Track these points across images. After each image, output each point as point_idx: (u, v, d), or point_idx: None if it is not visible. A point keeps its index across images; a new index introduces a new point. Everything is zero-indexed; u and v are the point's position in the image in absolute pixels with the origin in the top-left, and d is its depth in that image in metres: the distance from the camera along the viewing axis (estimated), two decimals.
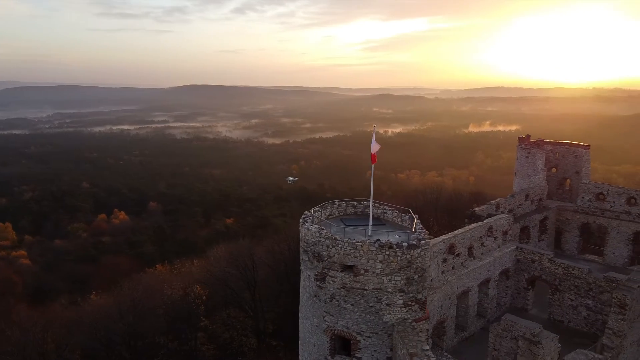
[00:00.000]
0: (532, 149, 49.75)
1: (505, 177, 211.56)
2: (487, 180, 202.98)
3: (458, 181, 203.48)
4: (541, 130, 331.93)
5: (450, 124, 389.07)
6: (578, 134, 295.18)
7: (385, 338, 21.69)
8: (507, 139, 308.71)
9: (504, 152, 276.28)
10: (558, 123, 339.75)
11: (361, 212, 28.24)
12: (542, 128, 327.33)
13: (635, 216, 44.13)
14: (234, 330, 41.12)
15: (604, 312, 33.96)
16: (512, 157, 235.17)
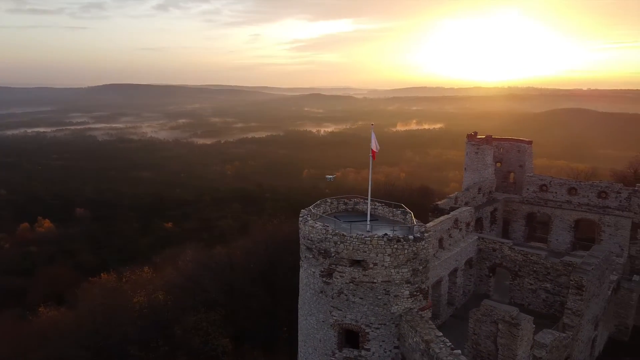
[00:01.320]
0: (481, 145, 52.89)
1: (433, 173, 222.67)
2: (417, 176, 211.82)
3: (390, 178, 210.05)
4: (464, 128, 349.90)
5: (379, 123, 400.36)
6: (497, 131, 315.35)
7: (393, 328, 22.59)
8: (432, 137, 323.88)
9: (430, 149, 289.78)
10: (478, 120, 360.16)
11: (352, 209, 29.02)
12: (465, 125, 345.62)
13: (576, 205, 48.38)
14: (206, 334, 40.38)
15: (562, 294, 37.12)
16: (438, 153, 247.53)
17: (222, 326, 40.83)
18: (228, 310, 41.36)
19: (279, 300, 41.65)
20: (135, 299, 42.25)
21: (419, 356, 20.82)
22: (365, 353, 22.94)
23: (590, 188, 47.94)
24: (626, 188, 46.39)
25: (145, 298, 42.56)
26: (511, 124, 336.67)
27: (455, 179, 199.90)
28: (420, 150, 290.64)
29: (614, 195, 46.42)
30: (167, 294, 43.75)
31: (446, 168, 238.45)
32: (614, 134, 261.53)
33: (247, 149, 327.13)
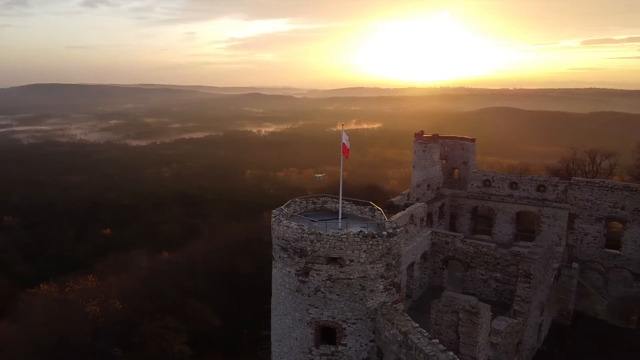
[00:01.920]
0: (429, 143, 55.08)
1: (374, 171, 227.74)
2: (358, 175, 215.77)
3: (334, 177, 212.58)
4: (401, 127, 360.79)
5: (320, 122, 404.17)
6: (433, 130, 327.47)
7: (369, 322, 23.28)
8: (372, 136, 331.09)
9: (370, 148, 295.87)
10: (414, 120, 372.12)
11: (320, 208, 29.46)
12: (402, 125, 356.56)
13: (517, 198, 51.56)
14: (164, 341, 39.32)
15: (511, 282, 39.52)
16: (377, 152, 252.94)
17: (181, 331, 39.92)
18: (188, 315, 40.53)
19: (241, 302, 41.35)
20: (88, 308, 40.33)
21: (396, 348, 21.62)
22: (342, 348, 23.48)
23: (530, 182, 51.24)
24: (562, 181, 50.04)
25: (98, 307, 40.74)
26: (445, 123, 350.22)
27: (394, 177, 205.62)
28: (361, 149, 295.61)
29: (551, 189, 49.90)
30: (122, 301, 42.07)
31: (385, 166, 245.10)
32: (538, 130, 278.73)
33: (185, 150, 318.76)
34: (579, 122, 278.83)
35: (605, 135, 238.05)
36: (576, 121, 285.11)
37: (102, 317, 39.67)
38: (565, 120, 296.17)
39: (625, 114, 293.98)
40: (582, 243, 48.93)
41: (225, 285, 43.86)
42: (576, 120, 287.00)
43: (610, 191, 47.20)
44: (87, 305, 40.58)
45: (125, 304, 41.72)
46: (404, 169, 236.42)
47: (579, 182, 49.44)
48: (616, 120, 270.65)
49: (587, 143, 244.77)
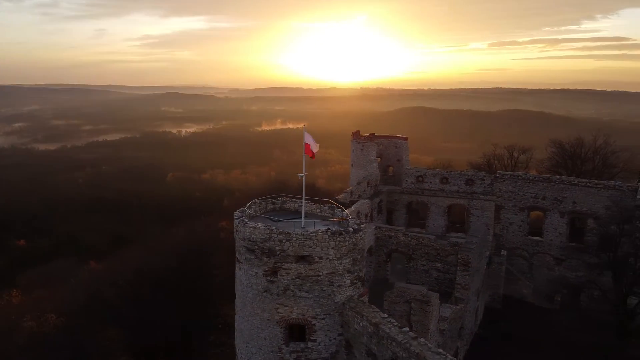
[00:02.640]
0: (366, 142, 56.97)
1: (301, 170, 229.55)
2: (286, 174, 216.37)
3: (261, 177, 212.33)
4: (326, 127, 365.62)
5: (244, 122, 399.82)
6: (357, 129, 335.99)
7: (337, 317, 24.04)
8: (297, 136, 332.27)
9: (296, 147, 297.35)
10: (338, 120, 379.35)
11: (279, 208, 29.77)
12: (326, 125, 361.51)
13: (448, 192, 54.82)
14: (107, 354, 37.54)
15: (451, 271, 42.10)
16: None
17: (126, 343, 38.38)
18: (132, 325, 38.99)
19: (188, 309, 40.45)
20: (25, 324, 37.43)
21: (366, 339, 22.58)
22: (311, 344, 24.06)
23: (459, 177, 54.73)
24: (489, 175, 53.98)
25: (34, 322, 37.96)
26: (368, 122, 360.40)
27: (322, 176, 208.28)
28: (287, 149, 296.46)
29: (479, 182, 53.62)
30: (60, 315, 39.51)
31: (313, 165, 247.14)
32: (453, 128, 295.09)
33: (100, 153, 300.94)
34: (489, 120, 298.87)
35: (513, 131, 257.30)
36: (487, 118, 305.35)
37: (39, 332, 36.98)
38: (477, 117, 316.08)
39: (529, 111, 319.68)
40: (508, 232, 53.11)
41: (169, 292, 42.66)
42: (487, 118, 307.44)
43: (531, 183, 51.67)
44: (21, 321, 37.63)
45: (64, 317, 39.19)
46: (331, 168, 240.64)
47: (503, 175, 53.62)
48: (522, 117, 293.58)
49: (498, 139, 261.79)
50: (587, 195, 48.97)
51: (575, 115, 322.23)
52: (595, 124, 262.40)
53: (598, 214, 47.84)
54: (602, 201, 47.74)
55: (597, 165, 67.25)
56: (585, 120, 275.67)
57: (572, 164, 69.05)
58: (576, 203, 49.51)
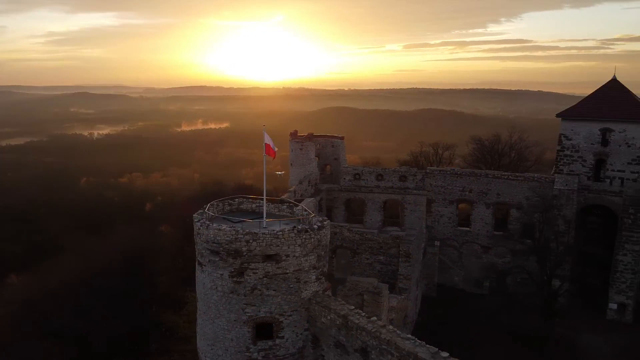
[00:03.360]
0: (305, 141, 57.92)
1: (227, 172, 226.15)
2: (211, 176, 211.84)
3: (184, 180, 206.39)
4: (249, 127, 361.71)
5: (162, 123, 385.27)
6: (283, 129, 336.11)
7: (303, 312, 24.69)
8: (220, 136, 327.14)
9: (219, 148, 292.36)
10: (262, 119, 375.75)
11: (236, 209, 29.79)
12: (250, 124, 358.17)
13: (384, 189, 57.21)
14: None
15: (393, 263, 44.10)
16: (228, 152, 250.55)
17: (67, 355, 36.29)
18: (74, 336, 36.88)
19: (133, 316, 38.92)
20: None
21: (334, 331, 23.45)
22: (279, 341, 24.52)
23: (393, 173, 57.32)
24: (420, 171, 57.06)
25: None
26: (293, 122, 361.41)
27: (248, 176, 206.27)
28: (210, 149, 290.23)
29: (411, 178, 56.50)
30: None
31: (238, 166, 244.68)
32: (373, 127, 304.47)
33: (3, 159, 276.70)
34: (406, 119, 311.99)
35: (429, 129, 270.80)
36: (404, 118, 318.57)
37: None
38: (395, 117, 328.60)
39: (443, 110, 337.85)
40: (439, 224, 56.48)
41: (107, 301, 40.81)
42: (404, 117, 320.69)
43: (459, 177, 55.35)
44: None
45: None
46: (258, 169, 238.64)
47: (433, 171, 56.96)
48: (436, 116, 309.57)
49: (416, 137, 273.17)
50: (509, 187, 53.32)
51: (483, 113, 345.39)
52: (501, 121, 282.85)
53: (520, 204, 52.37)
54: (523, 192, 52.27)
55: (513, 159, 73.25)
56: (493, 118, 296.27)
57: (490, 158, 74.58)
58: (500, 195, 53.74)
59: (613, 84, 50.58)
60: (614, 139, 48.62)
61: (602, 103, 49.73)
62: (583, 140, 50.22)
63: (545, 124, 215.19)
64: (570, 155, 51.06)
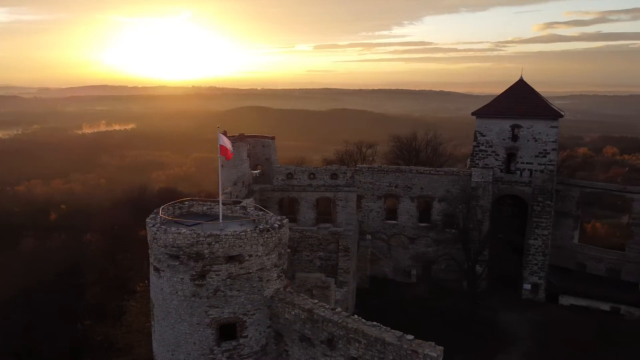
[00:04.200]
0: (237, 142, 57.49)
1: (136, 175, 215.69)
2: (118, 181, 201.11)
3: (88, 186, 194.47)
4: (157, 128, 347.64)
5: (61, 125, 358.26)
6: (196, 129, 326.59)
7: (266, 310, 25.07)
8: (126, 138, 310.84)
9: (126, 151, 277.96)
10: (171, 120, 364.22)
11: (187, 212, 29.28)
12: (158, 125, 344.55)
13: (316, 187, 58.51)
14: None
15: (332, 258, 45.55)
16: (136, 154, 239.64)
17: None
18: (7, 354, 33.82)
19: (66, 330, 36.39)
20: None
21: (299, 326, 24.11)
22: (243, 340, 24.69)
23: (325, 172, 58.83)
24: (350, 169, 59.13)
25: None
26: (205, 122, 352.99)
27: (160, 179, 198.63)
28: (116, 152, 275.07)
29: (342, 176, 58.38)
30: None
31: (149, 169, 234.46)
32: (287, 127, 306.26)
33: None
34: (321, 118, 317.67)
35: (343, 128, 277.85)
36: (318, 117, 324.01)
37: None
38: (309, 117, 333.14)
39: (354, 110, 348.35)
40: (369, 218, 58.91)
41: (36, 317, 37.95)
42: (319, 117, 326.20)
43: (386, 174, 58.13)
44: None
45: None
46: (169, 171, 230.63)
47: (362, 168, 59.29)
48: (348, 116, 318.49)
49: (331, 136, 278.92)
50: (431, 182, 56.97)
51: (391, 112, 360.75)
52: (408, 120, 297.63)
53: (441, 197, 56.21)
54: (444, 186, 56.18)
55: (429, 155, 77.97)
56: (400, 117, 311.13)
57: (408, 155, 78.80)
58: (423, 189, 57.24)
59: (520, 84, 56.00)
60: (523, 135, 53.88)
61: (511, 102, 54.87)
62: (496, 136, 55.06)
63: (448, 122, 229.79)
64: (485, 150, 55.72)
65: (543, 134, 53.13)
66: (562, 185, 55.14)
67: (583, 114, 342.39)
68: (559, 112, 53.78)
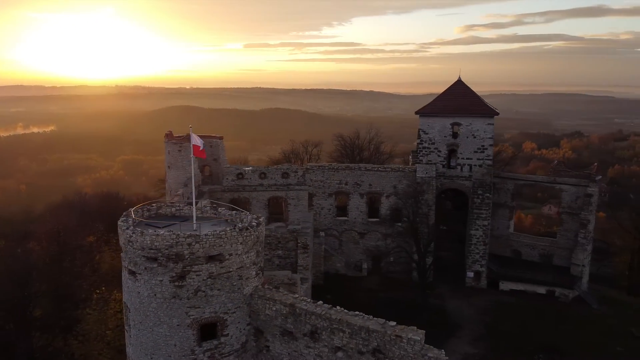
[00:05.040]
0: (184, 142, 56.41)
1: (59, 180, 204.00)
2: (40, 186, 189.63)
3: (8, 192, 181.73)
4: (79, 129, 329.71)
5: None
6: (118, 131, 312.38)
7: (246, 308, 25.27)
8: (46, 141, 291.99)
9: (47, 154, 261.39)
10: (94, 121, 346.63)
11: (155, 214, 28.69)
12: (80, 126, 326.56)
13: (267, 186, 58.68)
14: None
15: (291, 256, 46.19)
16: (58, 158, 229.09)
17: None
18: None
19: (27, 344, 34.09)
20: None
21: (281, 321, 24.58)
22: (224, 339, 24.75)
23: (276, 171, 59.10)
24: (301, 168, 59.87)
25: None
26: (130, 123, 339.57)
27: (86, 184, 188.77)
28: (35, 156, 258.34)
29: (293, 175, 58.93)
30: None
31: (73, 173, 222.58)
32: (221, 126, 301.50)
33: None
34: (254, 118, 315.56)
35: (277, 128, 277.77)
36: (252, 117, 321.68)
37: None
38: (242, 116, 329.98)
39: (288, 109, 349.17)
40: (321, 216, 60.00)
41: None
42: (252, 116, 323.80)
43: (336, 172, 59.44)
44: None
45: None
46: (95, 175, 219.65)
47: (313, 167, 60.22)
48: (282, 115, 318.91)
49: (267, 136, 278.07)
50: (379, 178, 59.01)
51: (325, 112, 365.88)
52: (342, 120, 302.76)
53: (389, 193, 58.41)
54: (391, 182, 58.41)
55: (372, 152, 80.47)
56: (334, 117, 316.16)
57: (352, 153, 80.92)
58: (372, 185, 59.14)
59: (459, 84, 59.38)
60: (462, 132, 57.25)
61: (451, 101, 58.11)
62: (438, 133, 58.06)
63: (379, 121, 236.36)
64: (428, 147, 58.59)
65: (481, 130, 56.76)
66: (497, 178, 59.11)
67: (502, 112, 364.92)
68: (494, 110, 57.71)
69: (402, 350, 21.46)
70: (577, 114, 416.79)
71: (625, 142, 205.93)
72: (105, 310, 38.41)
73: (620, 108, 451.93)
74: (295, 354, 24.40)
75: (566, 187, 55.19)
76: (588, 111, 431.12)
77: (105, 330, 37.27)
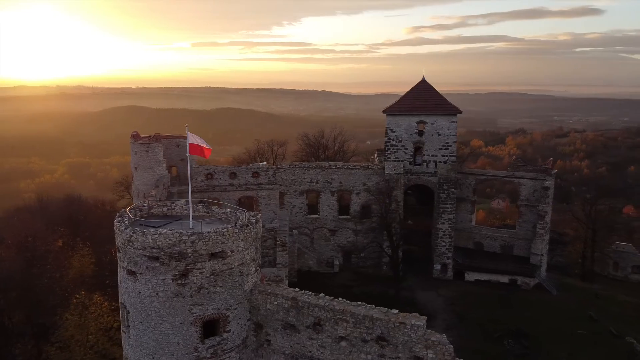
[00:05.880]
0: (152, 143, 55.34)
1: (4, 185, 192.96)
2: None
3: None
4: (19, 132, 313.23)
5: None
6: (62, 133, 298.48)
7: (246, 304, 25.57)
8: None
9: None
10: (35, 123, 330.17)
11: (147, 214, 28.39)
12: (19, 129, 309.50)
13: (238, 186, 58.66)
14: None
15: (269, 254, 46.51)
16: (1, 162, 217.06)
17: None
18: None
19: None
20: None
21: (282, 315, 25.06)
22: (227, 335, 24.95)
23: (246, 171, 59.17)
24: (272, 167, 60.17)
25: None
26: (74, 124, 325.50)
27: (28, 189, 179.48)
28: None
29: (264, 174, 59.22)
30: None
31: (14, 178, 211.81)
32: (170, 127, 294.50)
33: None
34: (205, 118, 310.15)
35: (230, 128, 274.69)
36: (201, 117, 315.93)
37: None
38: (193, 116, 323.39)
39: (239, 109, 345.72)
40: (292, 214, 60.50)
41: None
42: (201, 116, 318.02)
43: (306, 170, 60.19)
44: None
45: None
46: (39, 179, 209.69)
47: (283, 166, 60.69)
48: (234, 115, 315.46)
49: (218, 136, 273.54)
50: (349, 176, 60.27)
51: (278, 112, 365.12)
52: (295, 119, 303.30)
53: (359, 190, 59.78)
54: (361, 179, 59.83)
55: (337, 150, 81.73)
56: (287, 117, 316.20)
57: (317, 151, 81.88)
58: (342, 183, 60.34)
59: (423, 84, 61.61)
60: (428, 130, 59.47)
61: (416, 100, 60.22)
62: (404, 131, 60.01)
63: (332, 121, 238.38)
64: (395, 145, 60.44)
65: (445, 128, 59.20)
66: (460, 174, 61.83)
67: None
68: (457, 108, 60.31)
69: (405, 336, 22.54)
70: (520, 112, 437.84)
71: (566, 138, 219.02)
72: (86, 314, 37.21)
73: (560, 106, 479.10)
74: (297, 346, 24.98)
75: (524, 180, 58.56)
76: (529, 109, 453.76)
77: (87, 335, 36.14)
